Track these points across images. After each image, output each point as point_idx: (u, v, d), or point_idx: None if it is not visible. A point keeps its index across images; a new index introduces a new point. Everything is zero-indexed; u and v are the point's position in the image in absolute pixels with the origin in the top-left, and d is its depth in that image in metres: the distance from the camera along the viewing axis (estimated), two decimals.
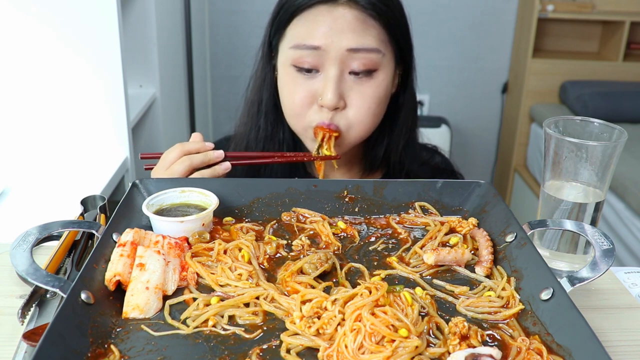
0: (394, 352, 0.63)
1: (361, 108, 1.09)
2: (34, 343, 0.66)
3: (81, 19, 1.57)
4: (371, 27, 1.06)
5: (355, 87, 1.08)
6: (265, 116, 1.19)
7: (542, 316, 0.70)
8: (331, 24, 1.04)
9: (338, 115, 1.08)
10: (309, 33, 1.06)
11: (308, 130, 1.12)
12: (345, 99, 1.08)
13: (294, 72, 1.09)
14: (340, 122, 1.09)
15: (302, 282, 0.76)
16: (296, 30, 1.08)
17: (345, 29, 1.04)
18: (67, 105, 1.65)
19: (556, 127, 0.93)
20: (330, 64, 1.06)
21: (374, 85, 1.09)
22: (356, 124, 1.10)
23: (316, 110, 1.09)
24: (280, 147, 1.21)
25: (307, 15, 1.07)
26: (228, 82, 3.42)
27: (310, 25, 1.06)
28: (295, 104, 1.10)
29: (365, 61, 1.06)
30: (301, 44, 1.06)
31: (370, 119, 1.11)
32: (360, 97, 1.08)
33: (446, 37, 3.46)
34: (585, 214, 0.92)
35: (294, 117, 1.12)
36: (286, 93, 1.12)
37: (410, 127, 1.22)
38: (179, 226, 0.85)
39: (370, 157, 1.23)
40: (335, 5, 1.05)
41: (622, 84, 3.33)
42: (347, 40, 1.04)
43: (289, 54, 1.09)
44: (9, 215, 1.38)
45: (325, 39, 1.04)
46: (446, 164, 1.33)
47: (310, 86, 1.08)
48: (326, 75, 1.06)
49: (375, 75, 1.08)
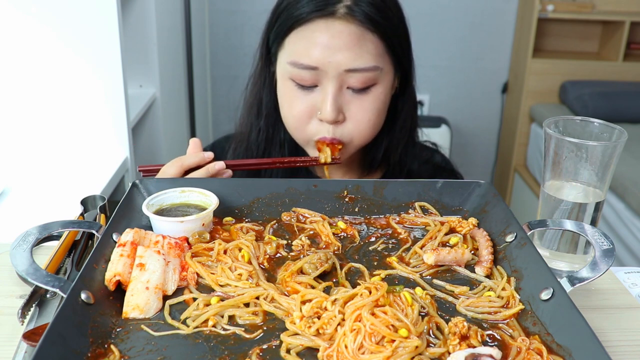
0: (394, 352, 0.63)
1: (361, 121, 1.09)
2: (34, 343, 0.66)
3: (81, 19, 1.57)
4: (369, 42, 1.05)
5: (353, 100, 1.08)
6: (265, 118, 1.19)
7: (542, 316, 0.70)
8: (328, 42, 1.03)
9: (338, 128, 1.09)
10: (307, 52, 1.05)
11: (309, 142, 1.13)
12: (345, 112, 1.08)
13: (293, 86, 1.09)
14: (341, 135, 1.10)
15: (302, 282, 0.76)
16: (294, 46, 1.07)
17: (343, 47, 1.03)
18: (67, 105, 1.65)
19: (556, 127, 0.93)
20: (328, 81, 1.05)
21: (372, 98, 1.09)
22: (357, 136, 1.11)
23: (316, 123, 1.09)
24: (282, 148, 1.21)
25: (305, 31, 1.06)
26: (228, 82, 3.42)
27: (308, 43, 1.05)
28: (295, 117, 1.10)
29: (363, 79, 1.06)
30: (299, 63, 1.05)
31: (371, 130, 1.12)
32: (359, 110, 1.08)
33: (446, 37, 3.46)
34: (585, 214, 0.92)
35: (295, 129, 1.13)
36: (286, 105, 1.12)
37: (410, 127, 1.22)
38: (179, 226, 0.85)
39: (370, 158, 1.23)
40: (333, 20, 1.04)
41: (622, 84, 3.33)
42: (344, 59, 1.03)
43: (287, 69, 1.08)
44: (9, 215, 1.38)
45: (322, 59, 1.04)
46: (446, 163, 1.33)
47: (310, 100, 1.08)
48: (324, 90, 1.06)
49: (373, 89, 1.08)
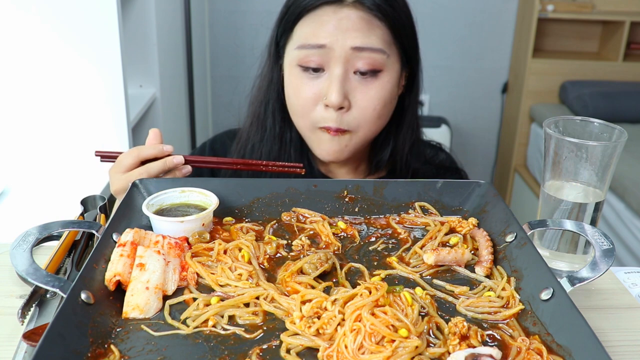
0: (394, 352, 0.63)
1: (366, 108, 1.09)
2: (34, 343, 0.66)
3: (81, 19, 1.57)
4: (376, 27, 1.07)
5: (359, 87, 1.09)
6: (272, 116, 1.20)
7: (542, 316, 0.70)
8: (336, 24, 1.06)
9: (344, 115, 1.09)
10: (314, 33, 1.07)
11: (314, 132, 1.12)
12: (350, 98, 1.09)
13: (300, 72, 1.10)
14: (347, 124, 1.10)
15: (302, 282, 0.76)
16: (302, 30, 1.10)
17: (350, 28, 1.06)
18: (67, 105, 1.65)
19: (556, 127, 0.93)
20: (335, 62, 1.07)
21: (379, 85, 1.09)
22: (362, 124, 1.11)
23: (322, 110, 1.10)
24: (288, 148, 1.21)
25: (313, 17, 1.08)
26: (228, 82, 3.42)
27: (316, 25, 1.07)
28: (300, 102, 1.11)
29: (370, 60, 1.07)
30: (306, 44, 1.08)
31: (376, 120, 1.12)
32: (365, 97, 1.09)
33: (446, 37, 3.46)
34: (585, 214, 0.92)
35: (300, 117, 1.13)
36: (292, 92, 1.13)
37: (415, 127, 1.22)
38: (179, 226, 0.85)
39: (377, 159, 1.23)
40: (341, 6, 1.07)
41: (622, 84, 3.33)
42: (352, 39, 1.06)
43: (295, 54, 1.10)
44: (9, 215, 1.38)
45: (330, 37, 1.06)
46: (450, 162, 1.33)
47: (316, 86, 1.09)
48: (331, 74, 1.08)
49: (380, 75, 1.09)
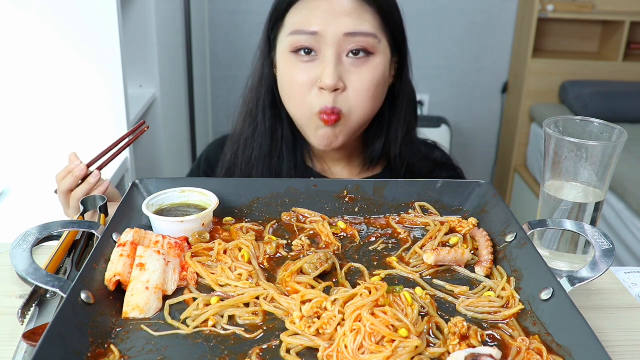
0: (394, 352, 0.63)
1: (361, 90, 1.10)
2: (34, 343, 0.66)
3: (81, 19, 1.57)
4: (367, 13, 1.09)
5: (353, 69, 1.09)
6: (263, 111, 1.20)
7: (542, 316, 0.70)
8: (328, 9, 1.07)
9: (339, 97, 1.09)
10: (306, 19, 1.08)
11: (311, 119, 1.12)
12: (344, 80, 1.09)
13: (293, 58, 1.11)
14: (342, 105, 1.10)
15: (302, 282, 0.76)
16: (294, 18, 1.11)
17: (342, 14, 1.07)
18: (67, 105, 1.65)
19: (556, 127, 0.93)
20: (328, 47, 1.08)
21: (372, 67, 1.10)
22: (357, 106, 1.11)
23: (317, 95, 1.10)
24: (279, 144, 1.21)
25: (304, 4, 1.10)
26: (228, 82, 3.42)
27: (307, 12, 1.09)
28: (296, 88, 1.11)
29: (362, 43, 1.08)
30: (299, 30, 1.09)
31: (370, 102, 1.12)
32: (358, 79, 1.09)
33: (446, 37, 3.46)
34: (585, 214, 0.92)
35: (296, 104, 1.13)
36: (286, 79, 1.13)
37: (408, 119, 1.22)
38: (179, 226, 0.85)
39: (370, 151, 1.23)
40: None
41: (622, 84, 3.33)
42: (344, 24, 1.07)
43: (287, 41, 1.11)
44: (9, 215, 1.38)
45: (322, 24, 1.07)
46: (446, 159, 1.33)
47: (310, 70, 1.10)
48: (324, 57, 1.08)
49: (372, 58, 1.10)
